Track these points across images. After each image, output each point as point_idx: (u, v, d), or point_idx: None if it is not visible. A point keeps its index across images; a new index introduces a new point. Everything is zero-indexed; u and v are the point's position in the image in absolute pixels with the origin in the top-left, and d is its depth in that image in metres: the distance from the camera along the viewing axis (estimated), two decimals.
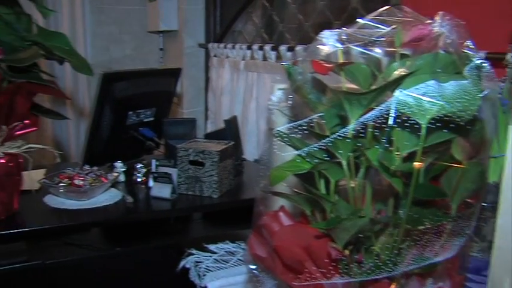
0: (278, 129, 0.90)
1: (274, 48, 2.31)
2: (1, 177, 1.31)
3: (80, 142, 3.06)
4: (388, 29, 0.84)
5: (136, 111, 1.75)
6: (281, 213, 1.02)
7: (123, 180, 1.66)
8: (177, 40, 3.12)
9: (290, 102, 0.96)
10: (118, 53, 3.27)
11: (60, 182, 1.49)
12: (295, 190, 0.98)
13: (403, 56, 0.82)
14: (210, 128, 2.87)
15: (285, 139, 0.89)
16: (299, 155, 0.88)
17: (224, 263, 1.37)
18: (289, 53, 2.19)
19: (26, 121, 1.37)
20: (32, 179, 1.49)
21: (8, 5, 1.28)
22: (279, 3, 2.58)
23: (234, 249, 1.44)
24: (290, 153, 0.92)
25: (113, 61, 3.20)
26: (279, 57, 2.30)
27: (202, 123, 2.99)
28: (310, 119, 0.87)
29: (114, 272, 1.46)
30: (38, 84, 1.26)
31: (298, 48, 2.10)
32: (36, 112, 1.41)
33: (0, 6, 1.26)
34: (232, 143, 1.62)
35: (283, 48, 2.22)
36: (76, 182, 1.48)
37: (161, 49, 3.32)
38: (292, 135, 0.89)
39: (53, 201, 1.48)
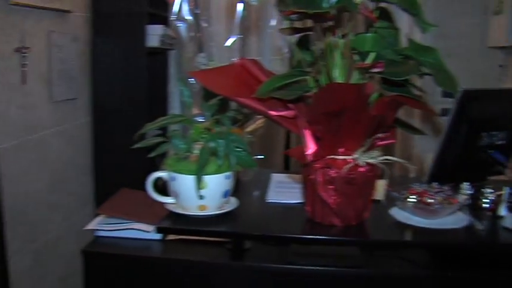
0: None
1: None
2: (360, 185, 1.35)
3: (406, 156, 3.07)
4: None
5: (490, 133, 1.65)
6: None
7: (468, 203, 1.57)
8: None
9: None
10: (451, 67, 3.16)
11: (409, 197, 1.47)
12: None
13: None
14: None
15: None
16: None
17: None
18: None
19: (387, 133, 1.40)
20: (377, 188, 1.51)
21: (386, 19, 1.31)
22: None
23: None
24: None
25: None
26: None
27: None
28: None
29: None
30: (408, 98, 1.26)
31: None
32: (396, 125, 1.43)
33: (379, 20, 1.29)
34: None
35: None
36: (426, 199, 1.44)
37: (500, 66, 3.11)
38: None
39: (399, 215, 1.47)
